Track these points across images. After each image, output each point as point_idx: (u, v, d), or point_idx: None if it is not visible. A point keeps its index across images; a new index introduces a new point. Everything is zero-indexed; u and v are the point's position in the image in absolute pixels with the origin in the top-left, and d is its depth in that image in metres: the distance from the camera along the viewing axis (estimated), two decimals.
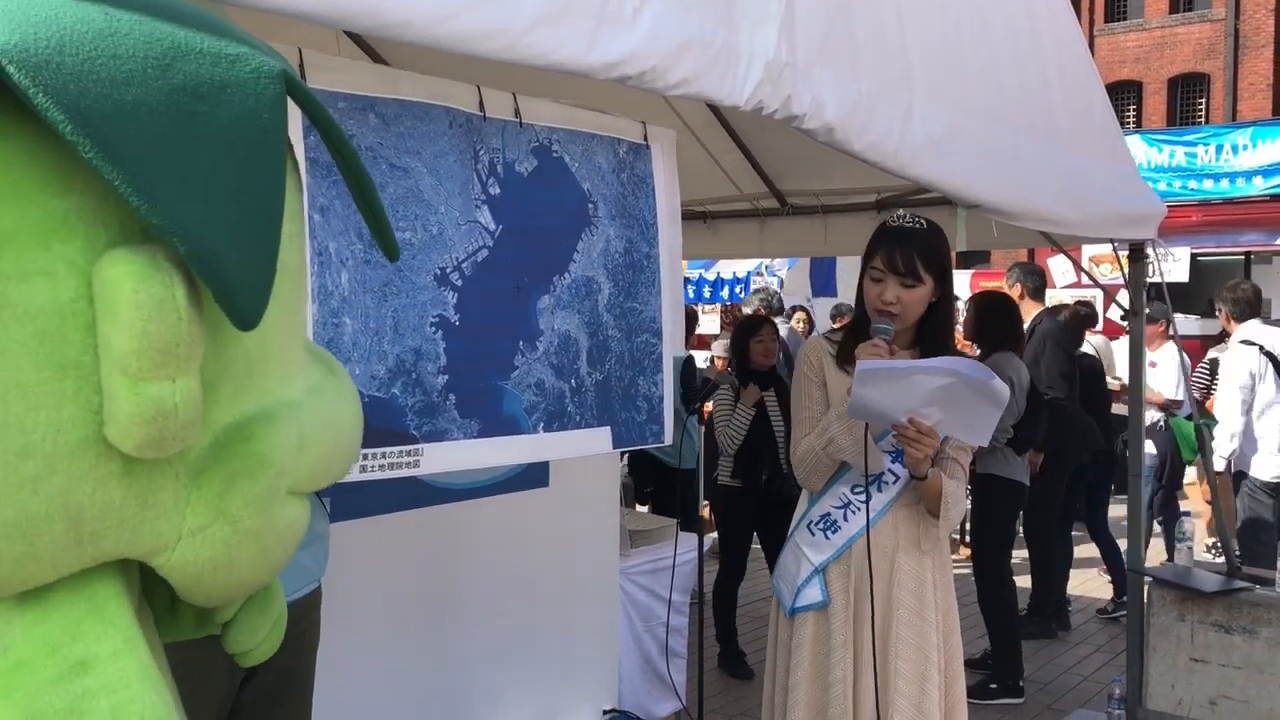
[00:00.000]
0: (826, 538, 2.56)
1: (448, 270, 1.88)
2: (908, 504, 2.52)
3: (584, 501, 3.62)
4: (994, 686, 4.81)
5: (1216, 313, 5.79)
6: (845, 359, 2.51)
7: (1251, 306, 5.30)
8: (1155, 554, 6.67)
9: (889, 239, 2.45)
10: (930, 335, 2.51)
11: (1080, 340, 6.09)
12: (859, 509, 2.51)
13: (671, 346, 2.32)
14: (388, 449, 1.78)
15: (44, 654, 0.71)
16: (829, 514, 2.57)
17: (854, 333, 2.54)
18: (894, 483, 2.52)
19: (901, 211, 2.58)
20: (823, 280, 11.49)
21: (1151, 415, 6.15)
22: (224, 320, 0.70)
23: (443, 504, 3.13)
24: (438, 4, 1.47)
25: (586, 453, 2.32)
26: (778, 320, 7.77)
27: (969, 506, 4.94)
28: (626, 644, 3.93)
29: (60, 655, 0.71)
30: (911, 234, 2.44)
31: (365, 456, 1.73)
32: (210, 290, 0.65)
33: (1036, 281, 5.85)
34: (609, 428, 2.18)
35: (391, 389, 1.80)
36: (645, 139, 2.24)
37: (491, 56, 1.56)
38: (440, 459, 1.88)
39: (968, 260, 16.57)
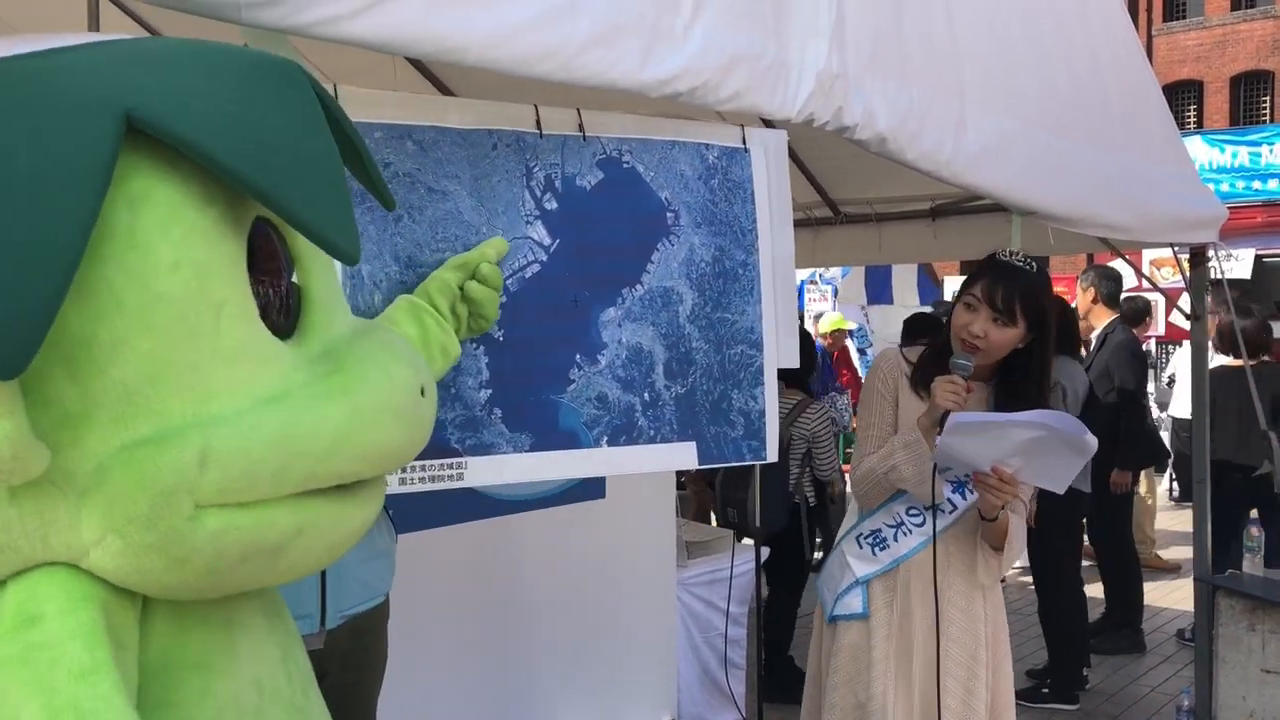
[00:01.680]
0: (874, 554, 2.55)
1: None
2: (965, 530, 2.51)
3: (640, 513, 3.64)
4: (1045, 690, 4.75)
5: None
6: (922, 382, 2.47)
7: None
8: None
9: (993, 272, 2.41)
10: (1019, 384, 2.45)
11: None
12: (910, 531, 2.50)
13: (777, 358, 2.22)
14: (428, 462, 1.79)
15: (11, 609, 0.84)
16: (880, 531, 2.55)
17: (934, 357, 2.49)
18: (950, 511, 2.49)
19: (1015, 249, 2.54)
20: (878, 288, 11.41)
21: None
22: (79, 357, 0.81)
23: (501, 516, 3.17)
24: (493, 29, 1.51)
25: (667, 468, 2.30)
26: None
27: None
28: (685, 655, 3.94)
29: (20, 611, 0.83)
30: (1017, 273, 2.40)
31: (406, 469, 1.74)
32: None
33: (1112, 288, 5.58)
34: (694, 443, 2.11)
35: None
36: (744, 143, 2.18)
37: (547, 78, 1.60)
38: (487, 472, 1.87)
39: None
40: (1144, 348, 6.17)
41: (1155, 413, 6.59)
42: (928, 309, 8.67)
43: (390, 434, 0.98)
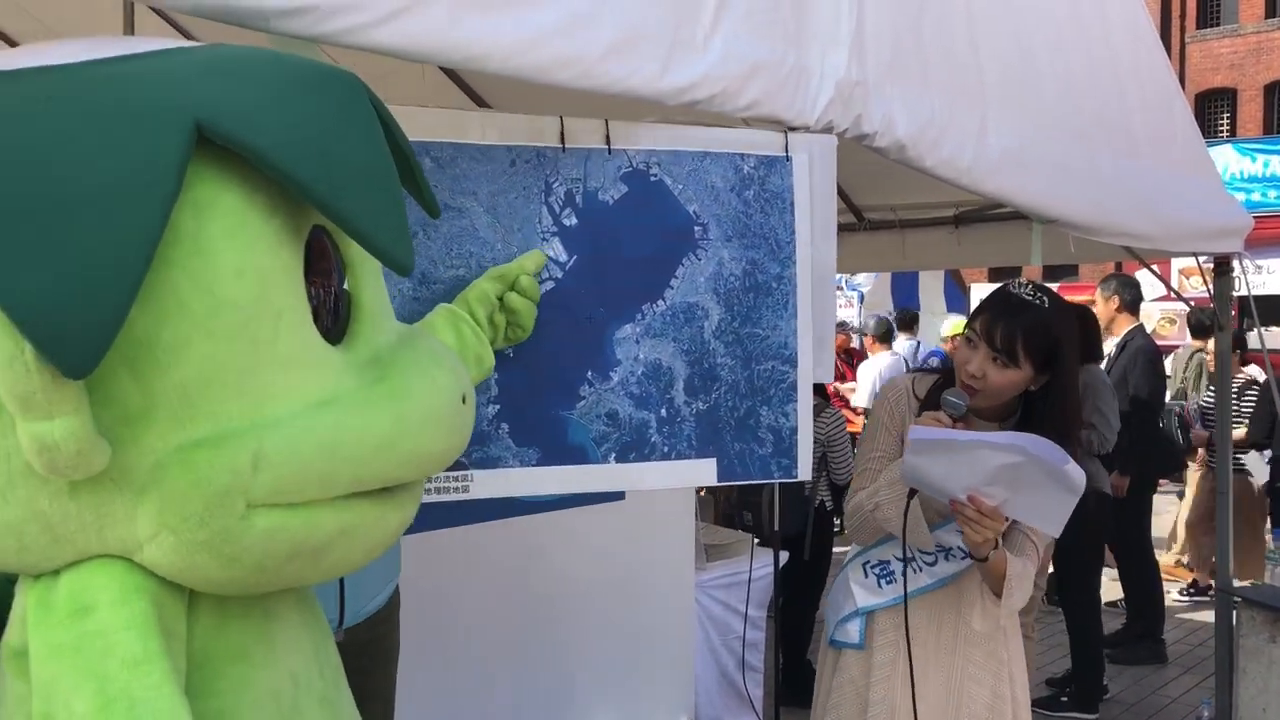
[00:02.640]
0: (879, 585, 2.40)
1: None
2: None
3: (659, 515, 3.66)
4: (1065, 700, 4.74)
5: None
6: (927, 410, 2.27)
7: None
8: None
9: (996, 308, 2.22)
10: (1036, 425, 2.19)
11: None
12: (920, 569, 2.32)
13: (812, 374, 2.14)
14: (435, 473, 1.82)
15: (64, 598, 0.87)
16: (889, 563, 2.39)
17: (942, 390, 2.28)
18: (963, 557, 2.28)
19: (1026, 281, 2.28)
20: (905, 293, 11.40)
21: None
22: (142, 358, 0.84)
23: (519, 516, 3.19)
24: (516, 37, 1.54)
25: (683, 484, 2.22)
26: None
27: None
28: (703, 657, 3.95)
29: (73, 600, 0.87)
30: (1023, 309, 2.18)
31: None
32: (33, 346, 0.76)
33: (1134, 294, 5.59)
34: (714, 459, 2.07)
35: None
36: (786, 150, 2.10)
37: (568, 85, 1.62)
38: (493, 485, 1.89)
39: (1055, 273, 16.26)
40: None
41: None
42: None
43: (433, 440, 1.02)
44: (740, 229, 2.07)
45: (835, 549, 4.82)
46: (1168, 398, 6.51)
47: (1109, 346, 5.56)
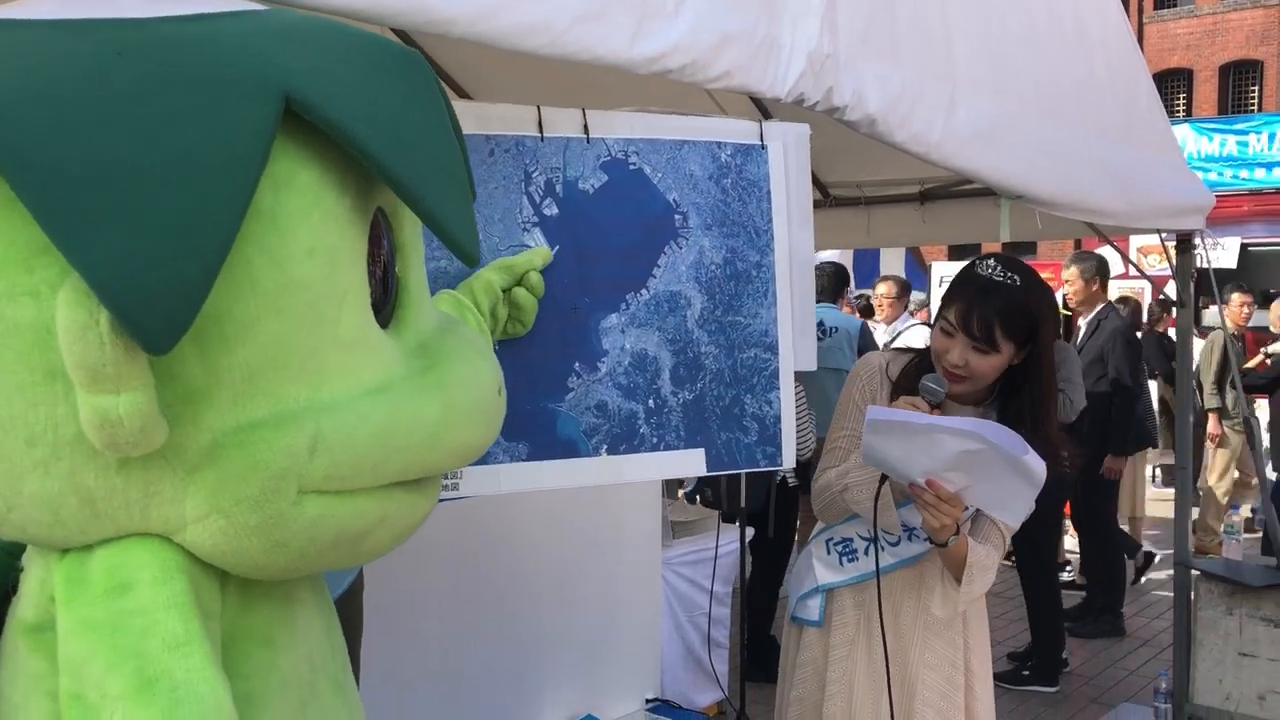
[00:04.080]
0: (840, 563, 2.37)
1: None
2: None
3: (626, 493, 3.65)
4: (1026, 673, 4.80)
5: None
6: (901, 391, 2.24)
7: None
8: None
9: (969, 293, 2.14)
10: (1017, 412, 2.18)
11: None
12: (885, 547, 2.28)
13: (794, 361, 2.13)
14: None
15: (101, 574, 0.84)
16: (850, 540, 2.37)
17: (918, 372, 2.25)
18: (925, 538, 2.23)
19: (993, 261, 2.20)
20: (866, 271, 11.44)
21: None
22: (209, 335, 0.81)
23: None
24: (483, 2, 1.50)
25: (674, 475, 2.21)
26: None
27: None
28: (669, 634, 3.95)
29: (111, 577, 0.84)
30: (996, 291, 2.11)
31: None
32: (115, 316, 0.72)
33: (1102, 272, 5.58)
34: (703, 449, 2.06)
35: None
36: (761, 139, 2.10)
37: (535, 53, 1.58)
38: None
39: (1014, 250, 16.40)
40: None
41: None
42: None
43: (476, 432, 1.01)
44: (719, 217, 2.06)
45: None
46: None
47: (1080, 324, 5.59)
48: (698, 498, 4.73)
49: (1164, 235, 3.96)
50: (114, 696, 0.78)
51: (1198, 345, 6.11)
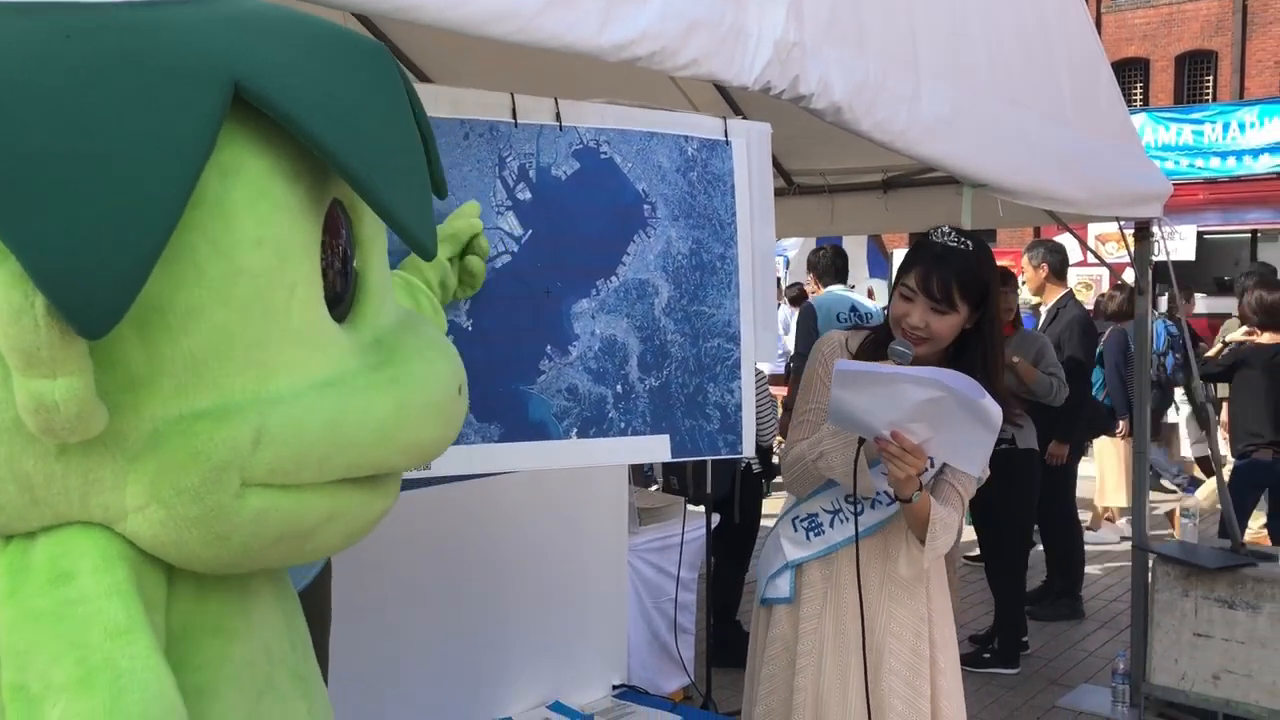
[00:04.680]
0: (808, 538, 2.45)
1: None
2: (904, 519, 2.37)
3: (593, 479, 3.65)
4: (987, 655, 4.87)
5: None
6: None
7: None
8: None
9: (926, 258, 2.28)
10: (968, 364, 2.28)
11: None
12: (848, 519, 2.37)
13: (754, 353, 2.20)
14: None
15: (43, 563, 0.83)
16: (816, 515, 2.45)
17: (876, 344, 2.37)
18: (889, 504, 2.35)
19: (946, 228, 2.35)
20: None
21: None
22: (152, 322, 0.80)
23: (451, 482, 3.16)
24: None
25: (640, 460, 2.25)
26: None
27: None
28: (635, 620, 3.97)
29: (53, 566, 0.83)
30: (951, 255, 2.26)
31: None
32: (50, 300, 0.71)
33: (1060, 260, 5.63)
34: (668, 436, 2.10)
35: None
36: (726, 135, 2.15)
37: (504, 39, 1.58)
38: (455, 462, 1.85)
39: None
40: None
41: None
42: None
43: (431, 431, 0.99)
44: (686, 209, 2.10)
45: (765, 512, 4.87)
46: None
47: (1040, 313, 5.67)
48: (659, 484, 4.75)
49: (1122, 223, 4.01)
50: (57, 687, 0.77)
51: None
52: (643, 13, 1.78)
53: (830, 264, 5.80)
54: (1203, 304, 12.02)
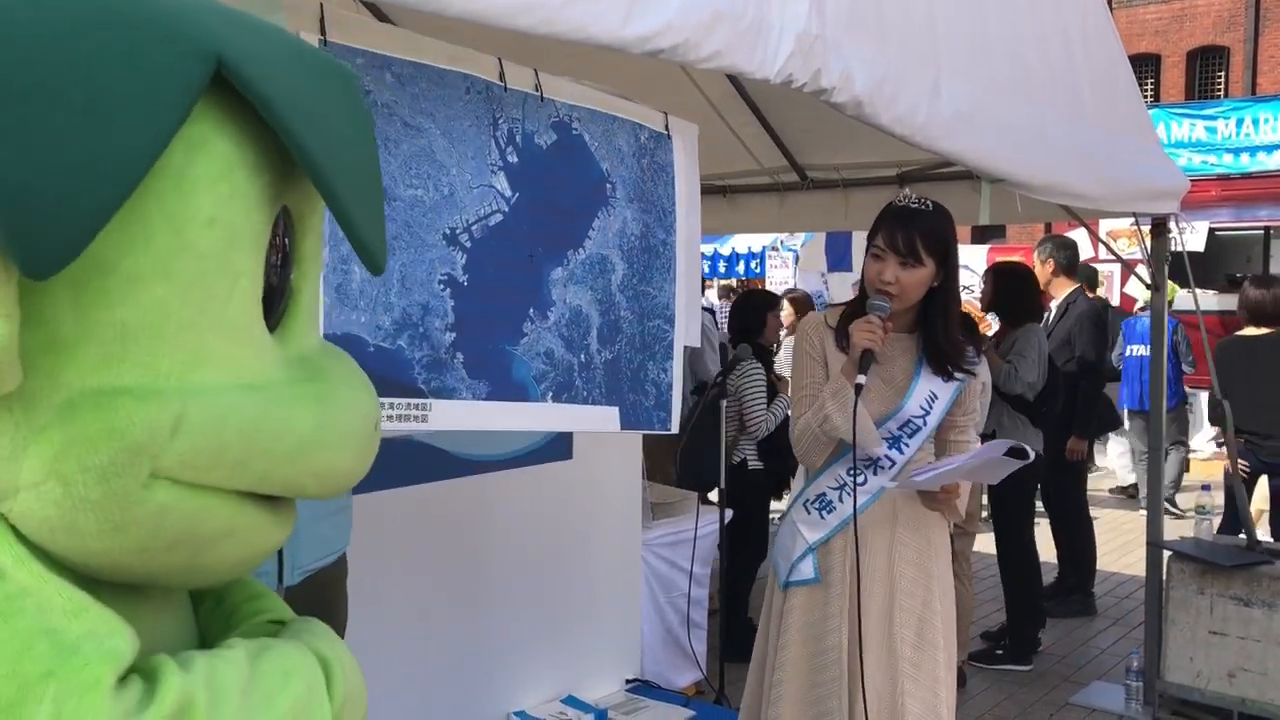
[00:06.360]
0: (821, 517, 2.58)
1: (457, 231, 1.91)
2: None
3: (606, 474, 3.66)
4: (999, 652, 4.85)
5: None
6: (844, 336, 2.51)
7: None
8: None
9: (892, 218, 2.48)
10: (931, 319, 2.53)
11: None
12: (853, 491, 2.51)
13: (684, 336, 2.33)
14: (396, 400, 1.81)
15: None
16: (824, 494, 2.59)
17: (854, 314, 2.54)
18: (890, 467, 2.55)
19: (908, 192, 2.60)
20: (838, 255, 11.45)
21: None
22: (90, 284, 0.78)
23: (466, 476, 3.16)
24: None
25: (593, 429, 2.32)
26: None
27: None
28: (648, 615, 3.97)
29: None
30: (915, 215, 2.46)
31: None
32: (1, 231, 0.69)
33: (1070, 256, 5.61)
34: (617, 408, 2.20)
35: (398, 341, 1.83)
36: (667, 129, 2.26)
37: (529, 31, 1.57)
38: (449, 416, 1.90)
39: (983, 235, 16.49)
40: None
41: None
42: None
43: (345, 457, 0.96)
44: (639, 193, 2.20)
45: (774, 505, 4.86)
46: None
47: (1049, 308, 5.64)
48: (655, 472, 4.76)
49: (1138, 219, 3.99)
50: (36, 677, 0.75)
51: None
52: (666, 5, 1.77)
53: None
54: (1214, 301, 11.99)
